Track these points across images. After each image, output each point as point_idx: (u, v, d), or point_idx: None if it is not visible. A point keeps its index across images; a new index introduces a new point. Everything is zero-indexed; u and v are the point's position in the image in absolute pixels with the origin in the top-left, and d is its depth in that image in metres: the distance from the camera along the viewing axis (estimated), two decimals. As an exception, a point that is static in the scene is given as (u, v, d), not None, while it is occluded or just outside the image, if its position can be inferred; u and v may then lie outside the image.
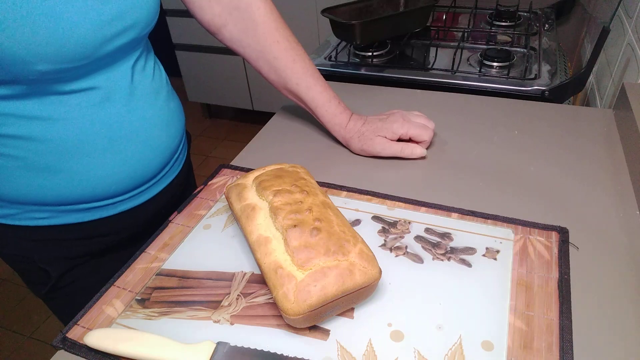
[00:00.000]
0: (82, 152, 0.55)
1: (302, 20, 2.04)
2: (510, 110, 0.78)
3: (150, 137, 0.61)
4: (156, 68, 0.65)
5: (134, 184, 0.62)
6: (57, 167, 0.55)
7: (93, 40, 0.50)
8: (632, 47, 0.81)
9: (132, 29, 0.55)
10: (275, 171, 0.54)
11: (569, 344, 0.41)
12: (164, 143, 0.64)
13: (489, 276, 0.48)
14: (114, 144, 0.57)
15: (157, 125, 0.62)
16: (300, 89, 0.68)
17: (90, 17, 0.49)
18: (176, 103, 0.69)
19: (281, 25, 0.67)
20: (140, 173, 0.61)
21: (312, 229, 0.45)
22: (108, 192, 0.59)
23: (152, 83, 0.62)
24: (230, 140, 2.55)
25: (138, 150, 0.60)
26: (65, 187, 0.56)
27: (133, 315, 0.47)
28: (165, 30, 2.34)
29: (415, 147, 0.67)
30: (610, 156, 0.66)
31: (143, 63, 0.61)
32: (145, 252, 0.54)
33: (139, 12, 0.55)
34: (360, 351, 0.42)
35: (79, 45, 0.49)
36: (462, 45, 1.01)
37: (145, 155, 0.61)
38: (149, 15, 0.57)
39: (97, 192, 0.58)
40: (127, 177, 0.60)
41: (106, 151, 0.57)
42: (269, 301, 0.47)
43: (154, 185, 0.66)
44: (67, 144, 0.54)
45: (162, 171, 0.66)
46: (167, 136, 0.64)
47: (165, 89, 0.66)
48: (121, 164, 0.58)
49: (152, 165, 0.63)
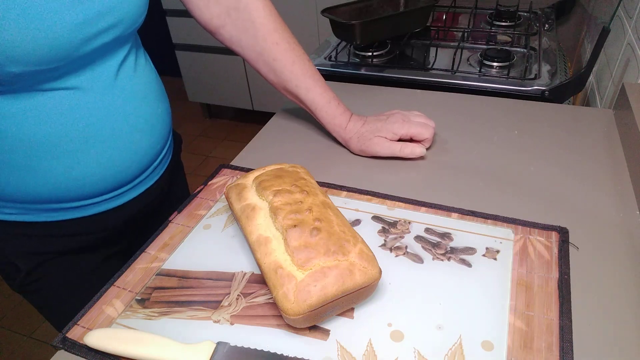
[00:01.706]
0: (56, 152, 0.53)
1: (302, 20, 2.04)
2: (510, 110, 0.78)
3: (131, 140, 0.59)
4: (146, 68, 0.63)
5: (109, 186, 0.60)
6: (29, 166, 0.53)
7: (71, 40, 0.48)
8: (632, 47, 0.81)
9: (117, 27, 0.53)
10: (275, 171, 0.54)
11: (569, 344, 0.41)
12: (145, 147, 0.61)
13: (489, 276, 0.48)
14: (90, 145, 0.55)
15: (140, 129, 0.60)
16: (300, 91, 0.68)
17: (67, 16, 0.47)
18: (165, 107, 0.67)
19: (280, 26, 0.67)
20: (116, 176, 0.59)
21: (312, 229, 0.45)
22: (81, 194, 0.58)
23: (139, 84, 0.60)
24: (230, 140, 2.55)
25: (116, 152, 0.58)
26: (36, 186, 0.55)
27: (133, 315, 0.47)
28: (165, 30, 2.34)
29: (415, 147, 0.67)
30: (610, 156, 0.66)
31: (132, 62, 0.59)
32: (145, 252, 0.54)
33: (125, 9, 0.53)
34: (360, 351, 0.42)
35: (54, 47, 0.47)
36: (462, 45, 1.01)
37: (123, 158, 0.59)
38: (136, 12, 0.55)
39: (70, 193, 0.57)
40: (101, 179, 0.58)
41: (81, 152, 0.55)
42: (269, 301, 0.47)
43: (131, 189, 0.64)
44: (40, 143, 0.52)
45: (141, 175, 0.64)
46: (149, 140, 0.62)
47: (154, 91, 0.63)
48: (96, 165, 0.56)
49: (130, 169, 0.61)
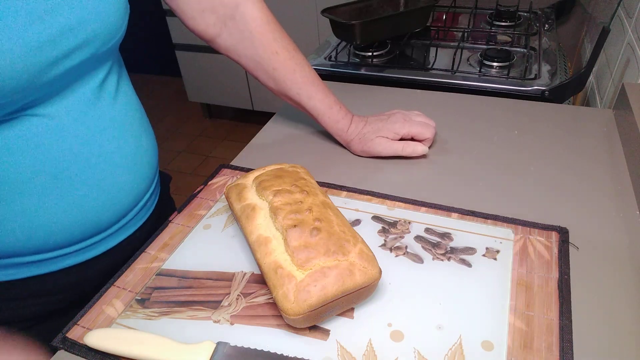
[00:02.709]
0: (18, 192, 0.44)
1: (302, 20, 2.04)
2: (510, 110, 0.78)
3: (110, 177, 0.50)
4: (129, 95, 0.55)
5: (83, 234, 0.51)
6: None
7: (26, 69, 0.40)
8: (632, 47, 0.81)
9: (89, 44, 0.45)
10: (275, 171, 0.54)
11: (569, 344, 0.41)
12: (127, 186, 0.53)
13: (489, 276, 0.48)
14: (60, 183, 0.46)
15: (121, 165, 0.52)
16: (301, 98, 0.67)
17: (24, 37, 0.39)
18: (150, 140, 0.58)
19: (279, 35, 0.64)
20: (92, 221, 0.50)
21: (312, 229, 0.45)
22: (48, 244, 0.48)
23: (120, 111, 0.52)
24: (230, 140, 2.55)
25: (91, 192, 0.49)
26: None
27: (133, 315, 0.47)
28: (165, 30, 2.34)
29: (417, 145, 0.67)
30: (610, 156, 0.66)
31: (112, 85, 0.52)
32: (145, 252, 0.54)
33: (97, 23, 0.45)
34: (360, 351, 0.42)
35: (10, 76, 0.39)
36: (462, 45, 1.01)
37: (101, 199, 0.50)
38: (113, 24, 0.47)
39: (35, 243, 0.47)
40: (74, 225, 0.49)
41: (49, 192, 0.46)
42: (269, 301, 0.47)
43: (110, 237, 0.54)
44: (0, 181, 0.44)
45: (122, 220, 0.55)
46: (132, 178, 0.53)
47: (137, 121, 0.55)
48: (67, 208, 0.48)
49: (109, 212, 0.52)
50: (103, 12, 0.46)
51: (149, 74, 3.14)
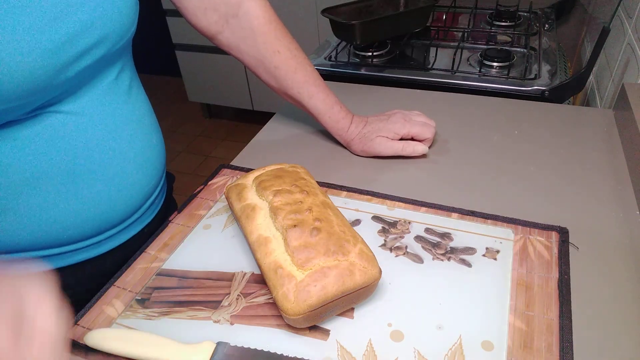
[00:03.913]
0: (35, 188, 0.46)
1: (302, 20, 2.04)
2: (510, 110, 0.78)
3: (122, 174, 0.52)
4: (139, 94, 0.57)
5: (96, 229, 0.52)
6: (2, 206, 0.45)
7: (44, 70, 0.40)
8: (632, 47, 0.81)
9: (102, 44, 0.46)
10: (275, 171, 0.54)
11: (569, 344, 0.41)
12: (138, 183, 0.54)
13: (489, 276, 0.48)
14: (75, 179, 0.47)
15: (132, 161, 0.53)
16: (302, 97, 0.67)
17: (42, 39, 0.40)
18: (159, 139, 0.60)
19: (281, 33, 0.65)
20: (104, 216, 0.51)
21: (312, 229, 0.45)
22: (62, 238, 0.49)
23: (132, 109, 0.53)
24: (230, 140, 2.55)
25: (105, 188, 0.50)
26: (10, 230, 0.46)
27: (133, 315, 0.47)
28: (165, 30, 2.34)
29: (417, 145, 0.67)
30: (610, 156, 0.66)
31: (125, 83, 0.53)
32: (145, 252, 0.54)
33: (110, 21, 0.46)
34: (360, 351, 0.42)
35: (28, 79, 0.39)
36: (462, 45, 1.01)
37: (113, 195, 0.51)
38: (124, 23, 0.48)
39: (51, 237, 0.49)
40: (87, 220, 0.50)
41: (64, 188, 0.47)
42: (269, 301, 0.47)
43: (120, 233, 0.56)
44: (16, 178, 0.44)
45: (132, 216, 0.56)
46: (143, 175, 0.55)
47: (147, 119, 0.57)
48: (82, 203, 0.49)
49: (120, 207, 0.53)
50: (116, 9, 0.46)
51: (149, 74, 3.14)
